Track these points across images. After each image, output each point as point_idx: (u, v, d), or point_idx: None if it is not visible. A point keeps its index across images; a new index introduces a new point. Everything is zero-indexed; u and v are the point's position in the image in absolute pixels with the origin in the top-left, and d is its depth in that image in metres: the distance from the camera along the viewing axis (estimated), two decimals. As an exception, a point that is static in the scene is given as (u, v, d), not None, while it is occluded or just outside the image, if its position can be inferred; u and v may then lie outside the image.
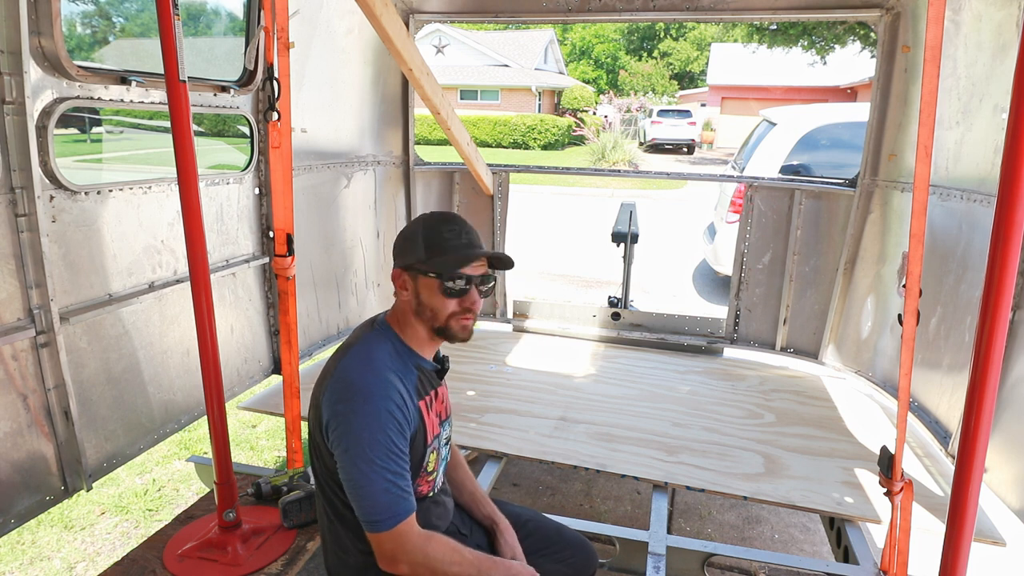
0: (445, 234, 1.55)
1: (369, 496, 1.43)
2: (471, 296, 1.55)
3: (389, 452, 1.44)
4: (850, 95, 26.15)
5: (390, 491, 1.43)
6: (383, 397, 1.46)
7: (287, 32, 2.25)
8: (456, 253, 1.53)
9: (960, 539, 1.23)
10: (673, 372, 3.73)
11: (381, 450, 1.43)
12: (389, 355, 1.55)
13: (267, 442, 4.03)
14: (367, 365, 1.52)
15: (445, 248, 1.53)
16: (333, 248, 3.72)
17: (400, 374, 1.53)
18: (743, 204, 3.88)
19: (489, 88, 33.38)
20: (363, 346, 1.57)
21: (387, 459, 1.44)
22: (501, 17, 3.84)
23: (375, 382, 1.48)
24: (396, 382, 1.50)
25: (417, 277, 1.55)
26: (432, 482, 1.67)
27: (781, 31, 17.68)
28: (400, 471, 1.46)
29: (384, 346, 1.57)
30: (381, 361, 1.53)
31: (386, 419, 1.44)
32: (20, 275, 1.97)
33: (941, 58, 1.77)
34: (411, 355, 1.60)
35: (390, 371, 1.52)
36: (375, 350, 1.55)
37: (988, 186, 2.57)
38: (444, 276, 1.52)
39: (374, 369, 1.51)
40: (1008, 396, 2.36)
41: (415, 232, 1.57)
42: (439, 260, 1.52)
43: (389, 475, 1.43)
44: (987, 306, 1.12)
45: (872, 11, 3.30)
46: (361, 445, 1.43)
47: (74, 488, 2.20)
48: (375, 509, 1.43)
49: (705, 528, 3.33)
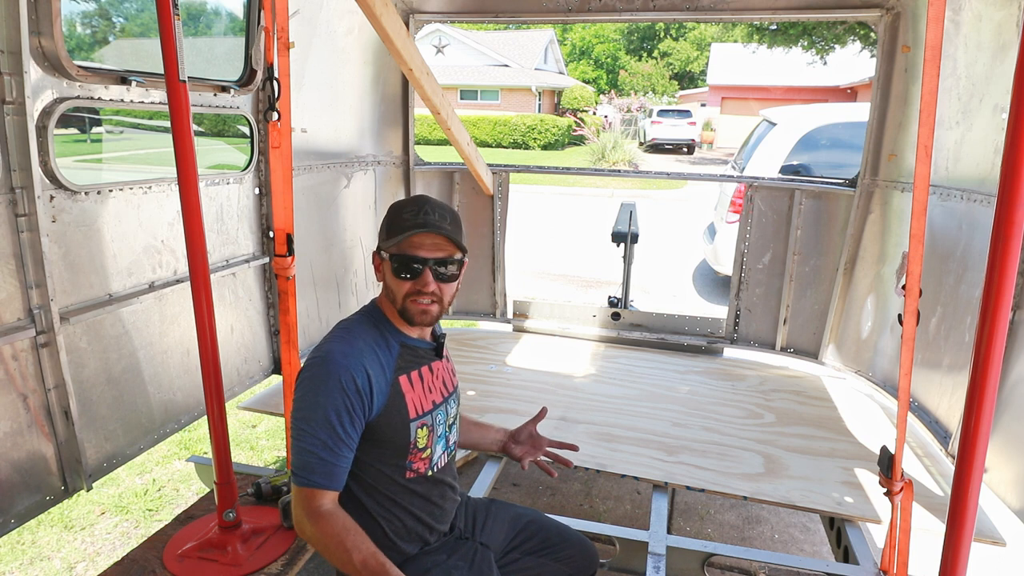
0: (404, 214, 1.54)
1: (296, 450, 1.49)
2: (423, 278, 1.53)
3: (326, 422, 1.47)
4: (850, 95, 26.15)
5: (310, 454, 1.47)
6: (342, 367, 1.49)
7: (287, 32, 2.25)
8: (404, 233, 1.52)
9: (960, 539, 1.23)
10: (673, 372, 3.73)
11: (319, 416, 1.47)
12: (368, 330, 1.60)
13: (267, 442, 4.03)
14: (343, 337, 1.57)
15: (399, 228, 1.53)
16: (333, 248, 3.72)
17: (377, 349, 1.57)
18: (743, 204, 3.88)
19: (489, 88, 33.38)
20: (348, 321, 1.64)
21: (320, 427, 1.47)
22: (501, 17, 3.83)
23: (341, 351, 1.52)
24: (367, 356, 1.54)
25: (384, 261, 1.58)
26: (428, 459, 1.67)
27: (781, 31, 17.68)
28: (331, 445, 1.48)
29: (366, 321, 1.62)
30: (358, 335, 1.58)
31: (335, 388, 1.48)
32: (20, 275, 1.97)
33: (941, 58, 1.77)
34: (394, 332, 1.63)
35: (365, 345, 1.56)
36: (356, 325, 1.61)
37: (988, 186, 2.57)
38: (393, 257, 1.54)
39: (348, 340, 1.56)
40: (1008, 396, 2.36)
41: (387, 216, 1.59)
42: (391, 241, 1.54)
43: (316, 441, 1.47)
44: (987, 306, 1.12)
45: (872, 11, 3.30)
46: (306, 404, 1.49)
47: (74, 488, 2.20)
48: (296, 462, 1.49)
49: (705, 528, 3.33)
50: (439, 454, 1.71)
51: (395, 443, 1.59)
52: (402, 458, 1.61)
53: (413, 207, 1.55)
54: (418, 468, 1.64)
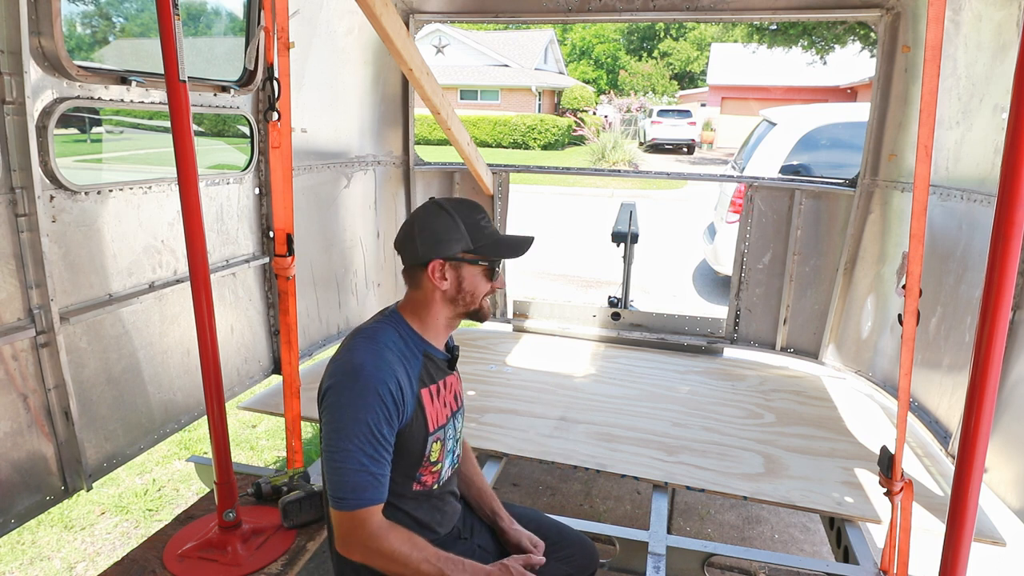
0: (482, 222, 1.61)
1: (340, 472, 1.44)
2: (501, 278, 1.69)
3: (370, 435, 1.44)
4: (850, 95, 26.14)
5: (361, 472, 1.43)
6: (377, 379, 1.46)
7: (287, 32, 2.25)
8: (498, 239, 1.62)
9: (960, 539, 1.23)
10: (673, 372, 3.73)
11: (363, 431, 1.44)
12: (395, 340, 1.57)
13: (267, 442, 4.03)
14: (370, 346, 1.53)
15: (486, 234, 1.60)
16: (333, 248, 3.72)
17: (404, 359, 1.55)
18: (743, 204, 3.88)
19: (489, 88, 33.37)
20: (370, 330, 1.59)
21: (365, 441, 1.44)
22: (501, 17, 3.84)
23: (373, 363, 1.49)
24: (396, 366, 1.52)
25: (462, 266, 1.58)
26: (437, 473, 1.67)
27: (781, 31, 17.68)
28: (377, 457, 1.46)
29: (391, 331, 1.59)
30: (385, 344, 1.54)
31: (374, 401, 1.45)
32: (20, 275, 1.96)
33: (941, 58, 1.77)
34: (420, 342, 1.61)
35: (393, 355, 1.53)
36: (381, 334, 1.57)
37: (988, 186, 2.56)
38: (495, 263, 1.62)
39: (376, 351, 1.52)
40: (1008, 396, 2.36)
41: (451, 223, 1.57)
42: (488, 247, 1.60)
43: (364, 458, 1.44)
44: (987, 306, 1.12)
45: (872, 11, 3.30)
46: (344, 421, 1.44)
47: (74, 488, 2.20)
48: (342, 487, 1.44)
49: (705, 528, 3.33)
50: (447, 469, 1.71)
51: (410, 456, 1.58)
52: (413, 470, 1.60)
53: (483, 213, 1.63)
54: (426, 481, 1.64)
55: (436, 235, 1.56)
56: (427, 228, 1.58)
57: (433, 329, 1.63)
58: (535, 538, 1.81)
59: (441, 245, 1.56)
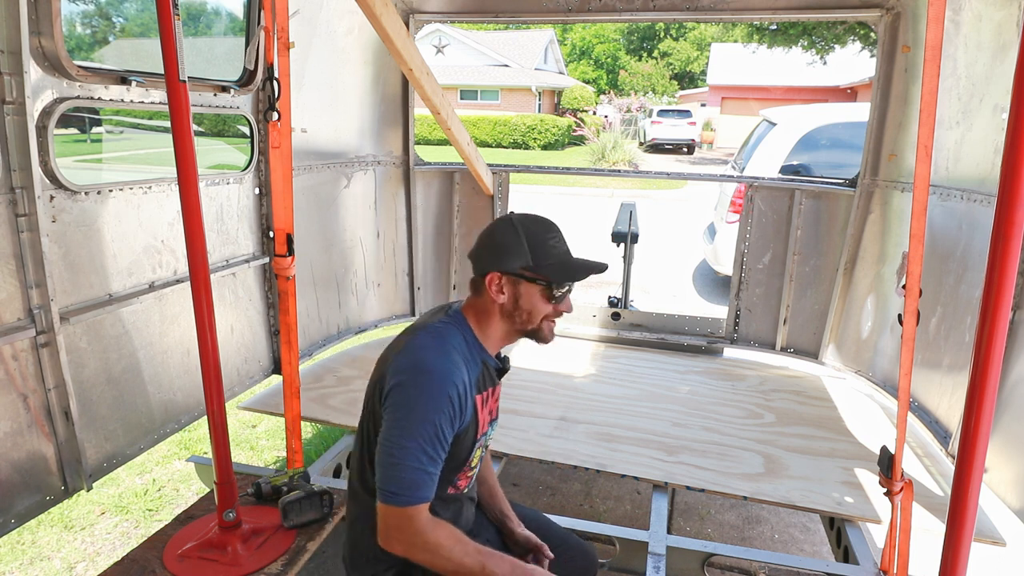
0: (550, 241, 1.59)
1: (397, 468, 1.43)
2: (567, 302, 1.63)
3: (435, 436, 1.45)
4: (850, 95, 26.14)
5: (419, 471, 1.43)
6: (447, 382, 1.47)
7: (287, 32, 2.25)
8: (563, 261, 1.59)
9: (960, 539, 1.23)
10: (673, 372, 3.73)
11: (428, 431, 1.44)
12: (460, 343, 1.57)
13: (267, 442, 4.03)
14: (440, 347, 1.53)
15: (552, 256, 1.58)
16: (333, 248, 3.72)
17: (467, 363, 1.55)
18: (743, 204, 3.88)
19: (489, 88, 33.38)
20: (437, 329, 1.59)
21: (428, 441, 1.44)
22: (501, 17, 3.83)
23: (443, 364, 1.49)
24: (462, 371, 1.52)
25: (519, 282, 1.57)
26: (471, 478, 1.69)
27: (781, 31, 17.68)
28: (435, 457, 1.46)
29: (457, 333, 1.59)
30: (453, 346, 1.55)
31: (444, 403, 1.45)
32: (20, 275, 1.97)
33: (941, 58, 1.77)
34: (480, 349, 1.62)
35: (458, 356, 1.54)
36: (449, 336, 1.57)
37: (988, 186, 2.57)
38: (554, 284, 1.57)
39: (445, 352, 1.52)
40: (1008, 396, 2.36)
41: (515, 236, 1.57)
42: (549, 268, 1.57)
43: (424, 457, 1.44)
44: (987, 306, 1.12)
45: (872, 11, 3.30)
46: (412, 420, 1.44)
47: (74, 488, 2.20)
48: (398, 483, 1.43)
49: (705, 528, 3.33)
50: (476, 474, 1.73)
51: (456, 459, 1.58)
52: (454, 474, 1.61)
53: (554, 234, 1.61)
54: (460, 485, 1.66)
55: (498, 248, 1.59)
56: (492, 240, 1.61)
57: (491, 339, 1.64)
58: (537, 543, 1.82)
59: (501, 258, 1.58)
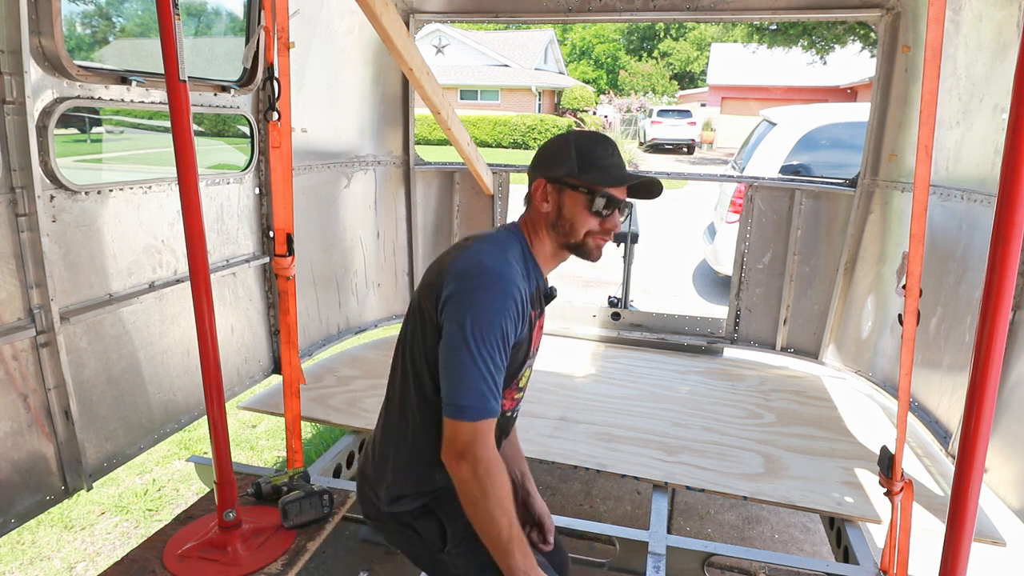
0: (598, 152, 1.54)
1: (466, 378, 1.35)
2: (613, 219, 1.55)
3: (500, 342, 1.38)
4: (850, 95, 26.14)
5: (487, 380, 1.35)
6: (511, 283, 1.42)
7: (287, 32, 2.25)
8: (609, 172, 1.53)
9: (960, 539, 1.23)
10: (673, 372, 3.73)
11: (495, 335, 1.37)
12: (517, 254, 1.54)
13: (267, 442, 4.03)
14: (500, 253, 1.49)
15: (598, 165, 1.53)
16: (333, 248, 3.72)
17: (523, 275, 1.51)
18: (743, 204, 3.88)
19: (489, 88, 33.37)
20: (496, 237, 1.56)
21: (494, 348, 1.37)
22: (501, 17, 3.83)
23: (506, 269, 1.44)
24: (521, 278, 1.47)
25: (563, 190, 1.54)
26: (517, 401, 1.65)
27: (781, 31, 17.67)
28: (500, 366, 1.39)
29: (515, 243, 1.56)
30: (511, 254, 1.51)
31: (508, 304, 1.39)
32: (20, 275, 1.97)
33: (941, 58, 1.77)
34: (534, 265, 1.59)
35: (517, 265, 1.50)
36: (508, 244, 1.54)
37: (988, 186, 2.57)
38: (595, 193, 1.52)
39: (506, 258, 1.48)
40: (1008, 396, 2.36)
41: (565, 146, 1.55)
42: (592, 175, 1.51)
43: (492, 366, 1.37)
44: (987, 306, 1.12)
45: (872, 11, 3.30)
46: (480, 323, 1.36)
47: (74, 488, 2.20)
48: (468, 394, 1.35)
49: (705, 528, 3.33)
50: (520, 400, 1.68)
51: (509, 371, 1.49)
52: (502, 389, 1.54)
53: (606, 146, 1.55)
54: (506, 406, 1.58)
55: (547, 156, 1.57)
56: (544, 150, 1.59)
57: (542, 254, 1.60)
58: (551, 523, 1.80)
59: (548, 166, 1.56)
